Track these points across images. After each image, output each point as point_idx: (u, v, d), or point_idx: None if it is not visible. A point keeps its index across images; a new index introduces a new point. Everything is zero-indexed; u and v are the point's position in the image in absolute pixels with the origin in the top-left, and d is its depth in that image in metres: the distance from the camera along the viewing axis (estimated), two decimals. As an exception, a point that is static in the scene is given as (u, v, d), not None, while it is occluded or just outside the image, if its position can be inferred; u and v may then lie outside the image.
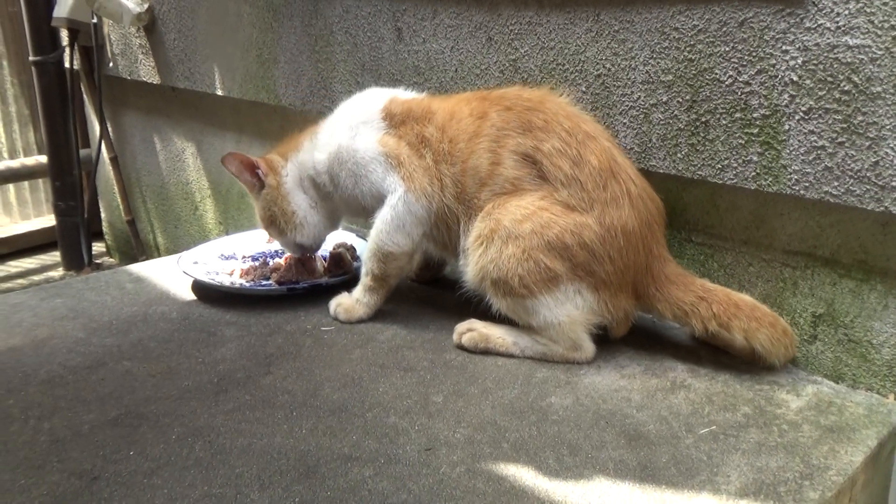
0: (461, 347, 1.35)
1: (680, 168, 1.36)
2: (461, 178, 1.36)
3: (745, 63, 1.24)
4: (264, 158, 1.56)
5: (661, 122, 1.37)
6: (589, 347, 1.31)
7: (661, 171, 1.39)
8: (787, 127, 1.21)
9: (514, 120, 1.33)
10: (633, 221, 1.27)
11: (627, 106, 1.41)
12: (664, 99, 1.36)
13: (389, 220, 1.39)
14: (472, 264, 1.33)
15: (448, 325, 1.40)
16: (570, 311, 1.28)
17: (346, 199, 1.50)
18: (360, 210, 1.49)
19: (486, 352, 1.34)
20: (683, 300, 1.26)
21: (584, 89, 1.47)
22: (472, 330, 1.35)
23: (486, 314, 1.34)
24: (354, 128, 1.46)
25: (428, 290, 1.62)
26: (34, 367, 1.31)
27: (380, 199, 1.41)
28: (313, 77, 2.03)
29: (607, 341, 1.34)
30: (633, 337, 1.38)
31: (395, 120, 1.44)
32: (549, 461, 1.03)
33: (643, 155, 1.41)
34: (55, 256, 3.35)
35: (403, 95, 1.50)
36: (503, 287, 1.29)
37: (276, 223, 1.55)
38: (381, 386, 1.24)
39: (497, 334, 1.34)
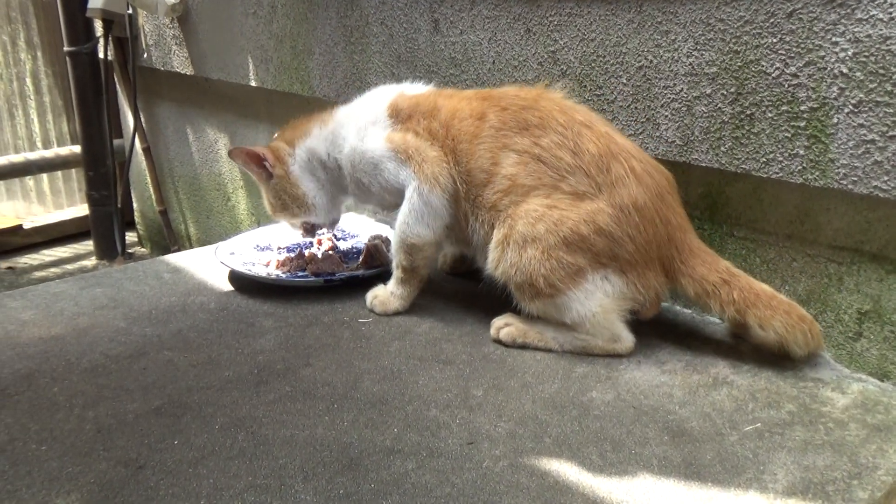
0: (498, 342, 1.35)
1: (723, 161, 1.34)
2: (466, 178, 1.37)
3: (793, 55, 1.22)
4: (270, 148, 1.57)
5: (705, 115, 1.35)
6: (628, 338, 1.30)
7: (704, 164, 1.37)
8: (835, 120, 1.19)
9: (510, 120, 1.35)
10: (643, 195, 1.27)
11: (669, 98, 1.39)
12: (708, 91, 1.34)
13: (408, 212, 1.40)
14: (494, 269, 1.33)
15: (485, 319, 1.40)
16: (601, 301, 1.28)
17: (367, 198, 1.54)
18: (391, 205, 1.49)
19: (524, 346, 1.33)
20: (707, 279, 1.26)
21: (624, 81, 1.45)
22: (509, 325, 1.35)
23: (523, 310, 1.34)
24: (363, 129, 1.48)
25: (463, 282, 1.62)
26: (77, 356, 1.32)
27: (399, 194, 1.43)
28: (348, 68, 2.03)
29: (646, 336, 1.33)
30: (671, 332, 1.37)
31: (401, 115, 1.45)
32: (593, 457, 1.02)
33: (685, 148, 1.39)
34: (88, 246, 3.40)
35: (411, 90, 1.51)
36: (529, 290, 1.29)
37: (288, 209, 1.58)
38: (420, 379, 1.24)
39: (535, 329, 1.33)
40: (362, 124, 1.48)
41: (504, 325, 1.36)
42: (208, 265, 1.72)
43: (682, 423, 1.10)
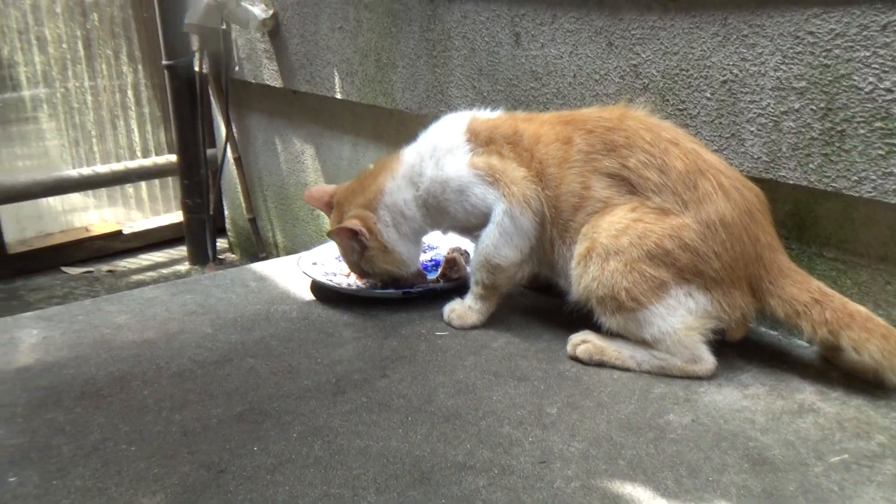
0: (575, 359, 1.34)
1: (812, 179, 1.30)
2: (555, 203, 1.37)
3: (887, 69, 1.17)
4: (360, 218, 1.51)
5: (793, 131, 1.31)
6: (708, 359, 1.27)
7: (791, 181, 1.33)
8: (934, 138, 1.13)
9: (597, 142, 1.34)
10: (731, 212, 1.24)
11: (755, 113, 1.36)
12: (796, 106, 1.29)
13: (497, 234, 1.40)
14: (576, 285, 1.33)
15: (562, 335, 1.39)
16: (683, 318, 1.25)
17: (449, 225, 1.53)
18: (468, 229, 1.50)
19: (601, 364, 1.32)
20: (797, 299, 1.22)
21: (708, 96, 1.42)
22: (586, 341, 1.34)
23: (601, 328, 1.32)
24: (441, 158, 1.46)
25: (541, 298, 1.61)
26: (166, 360, 1.38)
27: (484, 217, 1.42)
28: (430, 81, 2.05)
29: (728, 358, 1.29)
30: (756, 355, 1.33)
31: (480, 139, 1.44)
32: (668, 482, 1.00)
33: (771, 165, 1.35)
34: (182, 251, 3.54)
35: (482, 115, 1.50)
36: (611, 303, 1.27)
37: (381, 273, 1.56)
38: (494, 394, 1.24)
39: (612, 347, 1.31)
40: (439, 154, 1.47)
41: (581, 342, 1.35)
42: (292, 274, 1.77)
43: (764, 451, 1.07)
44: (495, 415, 1.18)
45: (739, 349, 1.34)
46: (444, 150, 1.47)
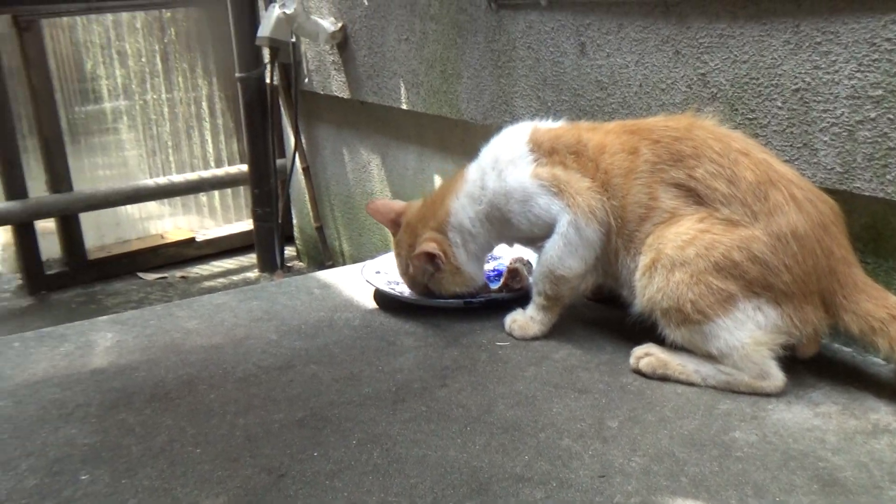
0: (638, 372, 1.31)
1: (889, 191, 1.25)
2: (620, 214, 1.34)
3: (971, 76, 1.12)
4: (435, 241, 1.50)
5: (868, 141, 1.26)
6: (777, 376, 1.23)
7: (867, 193, 1.28)
8: None
9: (664, 152, 1.31)
10: (804, 224, 1.20)
11: (829, 123, 1.31)
12: (872, 115, 1.25)
13: (561, 245, 1.38)
14: (640, 296, 1.31)
15: (624, 348, 1.37)
16: (752, 332, 1.22)
17: (514, 237, 1.52)
18: (532, 240, 1.49)
19: (665, 378, 1.29)
20: (873, 314, 1.18)
21: (779, 105, 1.38)
22: (649, 354, 1.31)
23: (665, 341, 1.30)
24: (503, 170, 1.45)
25: (604, 309, 1.59)
26: (233, 365, 1.42)
27: (549, 228, 1.40)
28: (495, 92, 2.05)
29: (798, 374, 1.25)
30: (828, 372, 1.29)
31: (543, 149, 1.43)
32: (732, 501, 0.98)
33: (846, 176, 1.31)
34: (252, 258, 3.62)
35: (544, 125, 1.49)
36: (675, 315, 1.25)
37: (453, 293, 1.56)
38: (554, 406, 1.23)
39: (676, 361, 1.29)
40: (501, 165, 1.45)
41: (644, 355, 1.32)
42: (355, 282, 1.79)
43: (835, 472, 1.03)
44: (555, 427, 1.17)
45: (811, 366, 1.29)
46: (506, 161, 1.46)
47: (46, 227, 3.49)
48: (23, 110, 3.38)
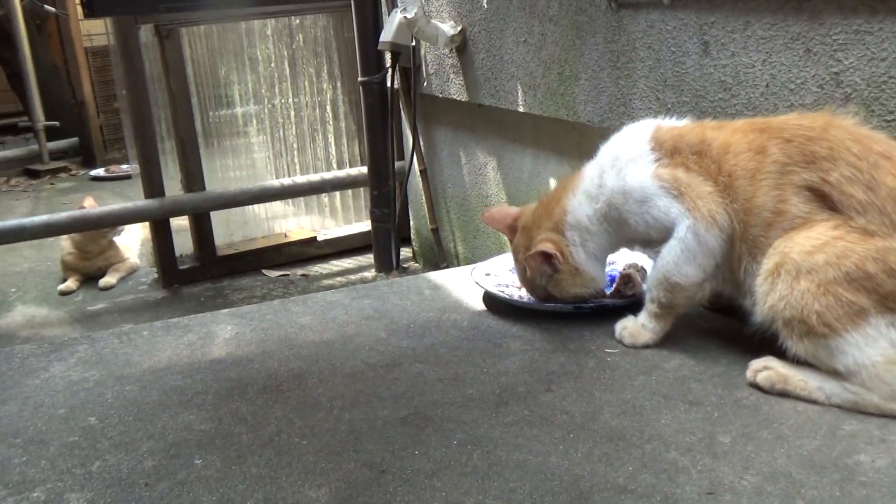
0: (755, 386, 1.25)
1: None
2: (744, 218, 1.27)
3: None
4: (551, 241, 1.47)
5: None
6: (912, 399, 1.14)
7: None
8: None
9: (795, 153, 1.23)
10: None
11: (979, 124, 1.20)
12: None
13: (679, 251, 1.32)
14: (761, 304, 1.23)
15: (741, 360, 1.30)
16: (884, 350, 1.14)
17: (630, 238, 1.47)
18: (648, 243, 1.44)
19: (784, 394, 1.22)
20: None
21: (922, 105, 1.28)
22: (768, 368, 1.24)
23: (785, 354, 1.23)
24: (623, 168, 1.40)
25: (721, 319, 1.52)
26: (342, 361, 1.45)
27: (666, 231, 1.35)
28: (613, 93, 2.01)
29: (937, 397, 1.15)
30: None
31: (665, 148, 1.37)
32: (853, 529, 0.91)
33: None
34: (369, 259, 3.70)
35: (667, 123, 1.42)
36: (799, 327, 1.17)
37: (571, 295, 1.52)
38: (663, 417, 1.18)
39: (798, 376, 1.21)
40: (621, 163, 1.41)
41: (763, 369, 1.25)
42: (465, 284, 1.79)
43: (974, 505, 0.94)
44: (662, 439, 1.12)
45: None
46: (626, 159, 1.41)
47: (180, 224, 3.70)
48: (162, 114, 3.61)
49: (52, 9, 6.19)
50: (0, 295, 3.61)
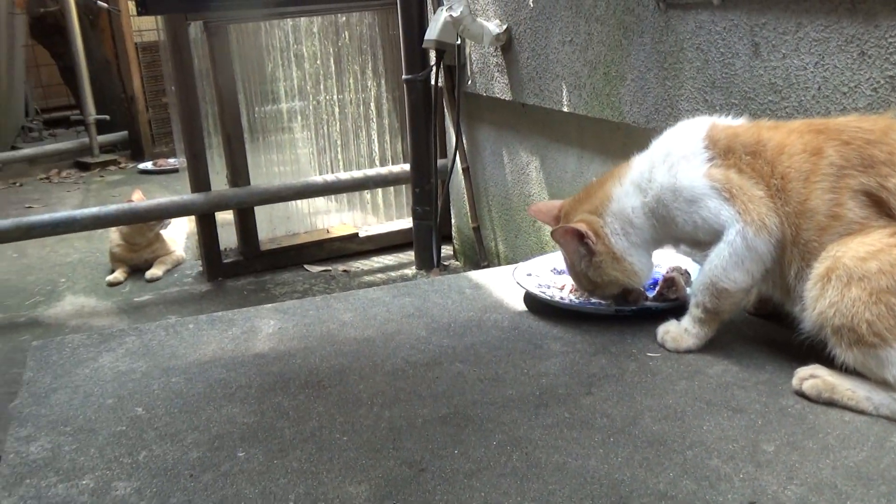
0: (800, 394, 1.23)
1: None
2: (796, 221, 1.25)
3: None
4: (586, 222, 1.46)
5: None
6: (963, 413, 1.11)
7: None
8: None
9: (853, 156, 1.20)
10: None
11: None
12: None
13: (727, 256, 1.30)
14: (810, 309, 1.21)
15: (787, 368, 1.28)
16: None
17: (677, 237, 1.45)
18: (696, 245, 1.42)
19: (831, 403, 1.19)
20: None
21: (981, 110, 1.25)
22: (815, 376, 1.22)
23: (833, 362, 1.20)
24: (674, 164, 1.37)
25: (766, 325, 1.50)
26: (383, 359, 1.46)
27: (715, 234, 1.33)
28: (659, 94, 1.99)
29: None
30: None
31: (719, 147, 1.34)
32: (900, 544, 0.89)
33: None
34: (410, 256, 3.72)
35: (723, 121, 1.40)
36: (848, 335, 1.15)
37: (611, 284, 1.49)
38: (705, 423, 1.17)
39: (845, 385, 1.19)
40: (673, 160, 1.38)
41: (809, 377, 1.23)
42: (506, 284, 1.79)
43: None
44: (704, 445, 1.11)
45: None
46: (678, 156, 1.38)
47: (225, 218, 3.75)
48: (209, 109, 3.66)
49: (105, 4, 6.33)
50: (51, 285, 3.71)
